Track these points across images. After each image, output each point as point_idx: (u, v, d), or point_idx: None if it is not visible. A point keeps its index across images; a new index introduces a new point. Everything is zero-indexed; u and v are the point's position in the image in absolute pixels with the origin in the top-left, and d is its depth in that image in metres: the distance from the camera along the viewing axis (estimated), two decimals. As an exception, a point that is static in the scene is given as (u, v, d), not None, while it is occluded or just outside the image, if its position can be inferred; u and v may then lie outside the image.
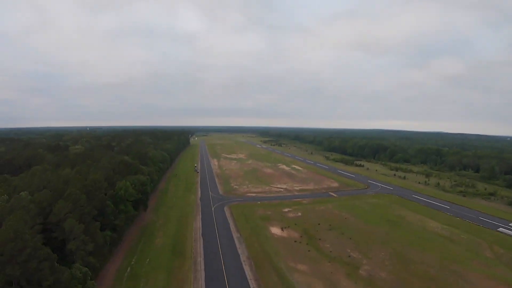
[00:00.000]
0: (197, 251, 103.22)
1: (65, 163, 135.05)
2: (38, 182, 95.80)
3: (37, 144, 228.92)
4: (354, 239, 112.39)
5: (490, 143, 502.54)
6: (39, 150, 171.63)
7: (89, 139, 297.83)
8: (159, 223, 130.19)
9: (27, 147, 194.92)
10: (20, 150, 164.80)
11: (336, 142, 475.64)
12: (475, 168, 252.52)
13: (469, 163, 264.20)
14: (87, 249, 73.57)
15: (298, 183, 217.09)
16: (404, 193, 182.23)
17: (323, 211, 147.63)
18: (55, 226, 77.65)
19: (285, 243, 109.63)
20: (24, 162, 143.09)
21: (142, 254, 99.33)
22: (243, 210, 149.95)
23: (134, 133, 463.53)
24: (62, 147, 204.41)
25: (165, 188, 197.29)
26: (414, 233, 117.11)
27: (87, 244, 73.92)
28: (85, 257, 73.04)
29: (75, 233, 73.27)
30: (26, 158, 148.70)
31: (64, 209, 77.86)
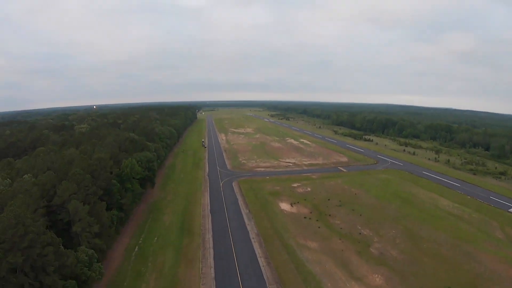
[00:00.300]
0: (206, 228, 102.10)
1: (70, 143, 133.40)
2: (42, 163, 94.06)
3: (43, 125, 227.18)
4: (364, 215, 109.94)
5: (500, 121, 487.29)
6: (44, 131, 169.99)
7: (95, 117, 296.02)
8: (167, 200, 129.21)
9: (32, 129, 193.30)
10: (26, 133, 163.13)
11: (345, 116, 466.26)
12: (485, 146, 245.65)
13: (479, 140, 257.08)
14: (92, 230, 72.17)
15: (306, 158, 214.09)
16: (414, 169, 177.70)
17: (332, 186, 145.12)
18: (60, 208, 76.16)
19: (294, 219, 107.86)
20: (29, 145, 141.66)
21: (150, 233, 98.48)
22: (251, 185, 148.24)
23: (141, 110, 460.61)
24: (68, 126, 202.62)
25: (172, 164, 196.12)
26: (426, 210, 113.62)
27: (92, 225, 72.46)
28: (91, 239, 71.76)
29: (80, 215, 71.69)
30: (31, 140, 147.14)
31: (68, 190, 76.07)
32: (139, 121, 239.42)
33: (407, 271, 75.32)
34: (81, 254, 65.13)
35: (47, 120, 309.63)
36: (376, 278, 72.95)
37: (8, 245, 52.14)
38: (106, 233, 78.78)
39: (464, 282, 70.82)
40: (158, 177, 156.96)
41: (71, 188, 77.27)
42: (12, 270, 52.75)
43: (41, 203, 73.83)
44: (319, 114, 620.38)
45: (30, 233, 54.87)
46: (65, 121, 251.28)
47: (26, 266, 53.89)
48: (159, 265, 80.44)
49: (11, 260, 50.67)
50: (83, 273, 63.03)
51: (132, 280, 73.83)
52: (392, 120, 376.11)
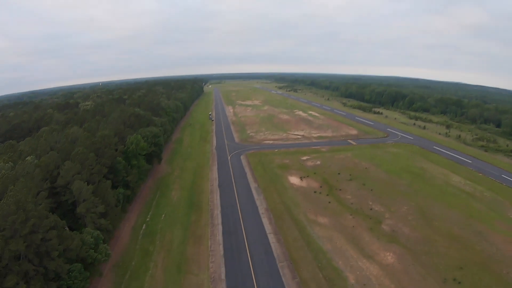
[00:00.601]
0: (214, 203, 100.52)
1: (74, 121, 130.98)
2: (44, 144, 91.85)
3: (47, 105, 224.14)
4: (375, 190, 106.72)
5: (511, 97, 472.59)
6: (49, 111, 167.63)
7: (101, 94, 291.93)
8: (174, 175, 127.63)
9: (37, 109, 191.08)
10: (30, 113, 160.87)
11: (353, 88, 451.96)
12: (496, 122, 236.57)
13: (490, 116, 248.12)
14: (97, 211, 70.52)
15: (315, 130, 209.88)
16: (424, 143, 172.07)
17: (342, 159, 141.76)
18: (64, 189, 74.46)
19: (304, 193, 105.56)
20: (34, 125, 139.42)
21: (158, 209, 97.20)
22: (260, 158, 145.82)
23: (147, 85, 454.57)
24: (72, 104, 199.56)
25: (179, 138, 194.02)
26: (437, 187, 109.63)
27: (97, 206, 70.75)
28: (96, 220, 70.18)
29: (84, 195, 69.93)
30: (35, 120, 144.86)
31: (72, 171, 74.09)
32: (144, 96, 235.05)
33: (419, 250, 72.97)
34: (87, 236, 63.68)
35: (53, 99, 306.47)
36: (388, 256, 70.82)
37: (9, 232, 50.39)
38: (112, 213, 77.24)
39: (476, 262, 68.21)
40: (165, 152, 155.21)
41: (74, 168, 75.29)
42: (16, 258, 51.28)
43: (44, 185, 72.11)
44: (327, 86, 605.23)
45: (32, 218, 53.08)
46: (70, 99, 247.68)
47: (30, 253, 52.41)
48: (167, 243, 79.29)
49: (13, 248, 48.99)
50: (89, 256, 61.77)
51: (139, 260, 72.83)
52: (402, 93, 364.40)
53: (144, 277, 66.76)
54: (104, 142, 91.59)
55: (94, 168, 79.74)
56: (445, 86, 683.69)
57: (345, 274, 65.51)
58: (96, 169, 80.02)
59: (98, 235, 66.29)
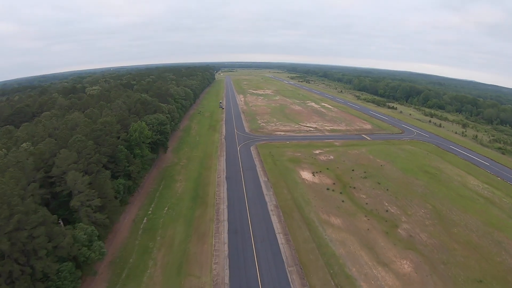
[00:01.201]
0: (221, 197, 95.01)
1: (77, 106, 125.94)
2: (42, 130, 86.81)
3: (54, 89, 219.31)
4: (391, 190, 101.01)
5: None
6: (54, 95, 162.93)
7: (109, 79, 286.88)
8: (180, 165, 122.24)
9: (44, 94, 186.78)
10: (35, 98, 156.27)
11: (367, 81, 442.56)
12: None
13: (507, 117, 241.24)
14: (93, 204, 65.37)
15: (328, 123, 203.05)
16: (440, 142, 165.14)
17: (356, 155, 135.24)
18: (59, 179, 69.36)
19: (316, 190, 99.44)
20: (37, 110, 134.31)
21: (161, 202, 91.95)
22: (270, 150, 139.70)
23: (158, 71, 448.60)
24: (79, 89, 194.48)
25: (187, 126, 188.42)
26: (454, 189, 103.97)
27: (93, 199, 65.55)
28: (91, 214, 65.04)
29: (79, 187, 64.78)
30: (40, 104, 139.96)
31: (68, 160, 68.90)
32: (153, 82, 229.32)
33: (437, 259, 67.33)
34: (79, 232, 58.64)
35: (62, 83, 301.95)
36: (404, 265, 65.12)
37: (-10, 229, 45.38)
38: (110, 206, 71.91)
39: (496, 276, 62.64)
40: (172, 140, 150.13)
41: (70, 157, 70.10)
42: (1, 256, 46.40)
43: (37, 175, 67.19)
44: (340, 78, 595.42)
45: (17, 214, 48.02)
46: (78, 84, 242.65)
47: (15, 251, 47.45)
48: (168, 239, 74.10)
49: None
50: (81, 254, 56.86)
51: (138, 257, 67.88)
52: (417, 89, 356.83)
53: (141, 277, 61.72)
54: (105, 130, 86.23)
55: (92, 157, 74.38)
56: (458, 83, 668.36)
57: (359, 283, 59.89)
58: (94, 159, 74.67)
59: (93, 232, 61.16)
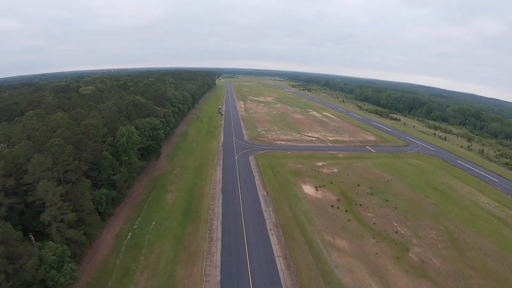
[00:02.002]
0: (215, 212, 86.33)
1: (64, 106, 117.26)
2: (21, 131, 78.34)
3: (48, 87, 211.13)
4: (400, 208, 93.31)
5: None
6: (46, 93, 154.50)
7: (106, 79, 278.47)
8: (173, 174, 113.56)
9: (36, 91, 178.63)
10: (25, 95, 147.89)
11: (369, 91, 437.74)
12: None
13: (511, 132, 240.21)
14: (67, 219, 56.76)
15: (331, 133, 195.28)
16: (447, 156, 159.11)
17: (362, 168, 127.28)
18: (32, 187, 60.75)
19: (320, 207, 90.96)
20: (26, 108, 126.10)
21: (148, 215, 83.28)
22: (270, 160, 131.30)
23: (157, 74, 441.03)
24: (72, 88, 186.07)
25: (184, 131, 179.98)
26: (466, 208, 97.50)
27: (67, 212, 56.95)
28: (64, 230, 56.40)
29: (51, 199, 56.16)
30: (29, 102, 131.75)
31: (41, 166, 60.36)
32: (151, 84, 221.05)
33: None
34: (47, 252, 50.05)
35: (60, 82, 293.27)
36: (418, 297, 56.87)
37: None
38: (88, 220, 63.22)
39: None
40: (166, 146, 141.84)
41: (45, 163, 61.54)
42: None
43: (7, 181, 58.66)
44: (341, 87, 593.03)
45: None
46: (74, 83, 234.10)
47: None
48: (153, 260, 65.38)
49: None
50: (49, 277, 48.33)
51: (117, 280, 59.29)
52: (420, 100, 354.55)
53: (118, 306, 53.04)
54: (89, 133, 77.68)
55: (71, 164, 65.74)
56: (460, 96, 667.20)
57: (370, 320, 51.37)
58: (73, 165, 66.01)
59: (64, 251, 52.61)
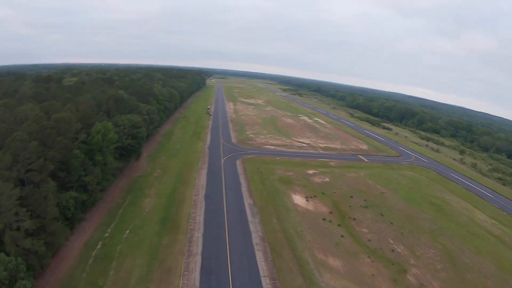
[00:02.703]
0: (196, 221, 78.74)
1: (41, 96, 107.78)
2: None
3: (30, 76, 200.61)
4: (396, 224, 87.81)
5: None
6: (26, 83, 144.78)
7: (93, 72, 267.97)
8: (153, 176, 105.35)
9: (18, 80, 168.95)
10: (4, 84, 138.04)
11: (361, 99, 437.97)
12: (507, 152, 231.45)
13: (503, 146, 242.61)
14: (23, 227, 48.69)
15: (322, 140, 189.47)
16: (440, 169, 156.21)
17: (355, 179, 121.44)
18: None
19: (311, 220, 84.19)
20: (1, 97, 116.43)
21: (122, 222, 75.15)
22: (259, 166, 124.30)
23: (148, 70, 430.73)
24: (55, 79, 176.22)
25: (169, 131, 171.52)
26: (463, 225, 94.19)
27: (24, 220, 48.88)
28: (20, 241, 48.31)
29: (5, 203, 48.08)
30: (5, 92, 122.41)
31: (-2, 163, 52.22)
32: (137, 80, 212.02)
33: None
34: (-7, 268, 42.01)
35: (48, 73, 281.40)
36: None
37: None
38: (51, 228, 55.10)
39: None
40: (149, 146, 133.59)
41: (4, 160, 53.57)
42: None
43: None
44: (333, 94, 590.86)
45: None
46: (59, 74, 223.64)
47: None
48: (123, 275, 57.52)
49: None
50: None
51: (80, 299, 51.30)
52: (412, 111, 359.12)
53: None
54: (60, 128, 69.37)
55: (34, 162, 57.60)
56: (449, 109, 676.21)
57: None
58: (37, 164, 57.79)
59: (18, 266, 44.62)
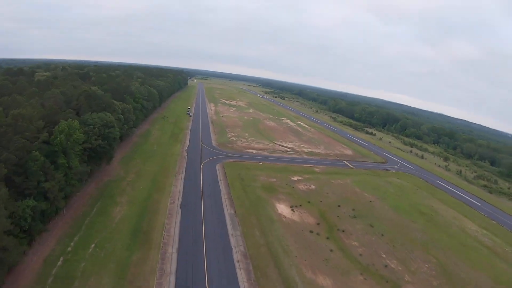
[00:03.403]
0: (171, 234, 71.02)
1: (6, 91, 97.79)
2: None
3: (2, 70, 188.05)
4: (387, 236, 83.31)
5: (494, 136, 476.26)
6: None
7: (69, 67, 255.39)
8: (126, 181, 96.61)
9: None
10: None
11: (343, 103, 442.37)
12: (489, 159, 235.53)
13: (485, 153, 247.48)
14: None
15: (306, 144, 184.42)
16: (427, 176, 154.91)
17: (341, 186, 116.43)
18: None
19: (297, 232, 77.87)
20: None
21: (88, 234, 66.66)
22: (240, 171, 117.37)
23: (128, 68, 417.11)
24: (26, 73, 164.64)
25: (147, 131, 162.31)
26: (454, 236, 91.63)
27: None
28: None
29: None
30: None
31: None
32: (115, 77, 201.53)
33: None
34: None
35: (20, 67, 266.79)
36: None
37: None
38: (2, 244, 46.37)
39: None
40: (123, 147, 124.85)
41: None
42: None
43: None
44: (315, 98, 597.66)
45: None
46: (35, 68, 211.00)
47: None
48: (84, 300, 49.44)
49: None
50: None
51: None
52: (394, 116, 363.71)
53: None
54: (17, 126, 60.60)
55: (-20, 165, 48.90)
56: (430, 115, 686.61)
57: None
58: (-17, 168, 49.17)
59: None
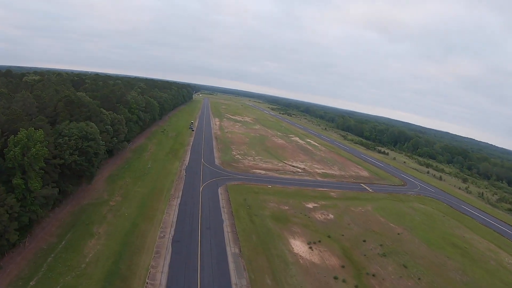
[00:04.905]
0: (156, 283, 53.92)
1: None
2: None
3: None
4: (425, 280, 67.57)
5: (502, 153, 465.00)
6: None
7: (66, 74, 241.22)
8: (109, 205, 79.49)
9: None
10: None
11: (351, 121, 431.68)
12: (506, 179, 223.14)
13: (501, 173, 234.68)
14: None
15: (318, 164, 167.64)
16: (450, 200, 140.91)
17: (363, 215, 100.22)
18: None
19: (318, 279, 60.90)
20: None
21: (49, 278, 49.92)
22: (246, 196, 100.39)
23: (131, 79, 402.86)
24: (15, 75, 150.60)
25: (142, 146, 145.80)
26: (495, 274, 77.37)
27: None
28: None
29: None
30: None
31: None
32: (113, 85, 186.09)
33: None
34: None
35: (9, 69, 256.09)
36: None
37: None
38: None
39: None
40: (112, 163, 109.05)
41: None
42: None
43: None
44: (322, 115, 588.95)
45: None
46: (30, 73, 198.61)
47: None
48: None
49: None
50: None
51: None
52: (406, 135, 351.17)
53: None
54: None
55: None
56: (436, 133, 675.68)
57: None
58: None
59: None
